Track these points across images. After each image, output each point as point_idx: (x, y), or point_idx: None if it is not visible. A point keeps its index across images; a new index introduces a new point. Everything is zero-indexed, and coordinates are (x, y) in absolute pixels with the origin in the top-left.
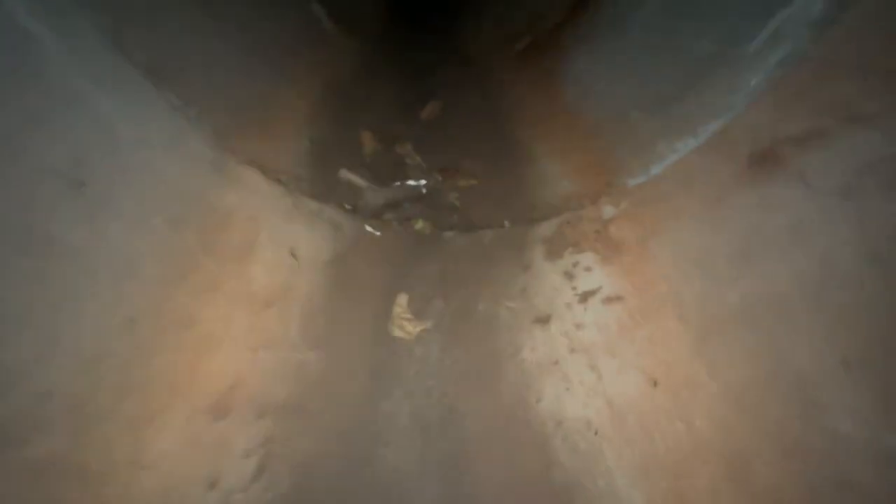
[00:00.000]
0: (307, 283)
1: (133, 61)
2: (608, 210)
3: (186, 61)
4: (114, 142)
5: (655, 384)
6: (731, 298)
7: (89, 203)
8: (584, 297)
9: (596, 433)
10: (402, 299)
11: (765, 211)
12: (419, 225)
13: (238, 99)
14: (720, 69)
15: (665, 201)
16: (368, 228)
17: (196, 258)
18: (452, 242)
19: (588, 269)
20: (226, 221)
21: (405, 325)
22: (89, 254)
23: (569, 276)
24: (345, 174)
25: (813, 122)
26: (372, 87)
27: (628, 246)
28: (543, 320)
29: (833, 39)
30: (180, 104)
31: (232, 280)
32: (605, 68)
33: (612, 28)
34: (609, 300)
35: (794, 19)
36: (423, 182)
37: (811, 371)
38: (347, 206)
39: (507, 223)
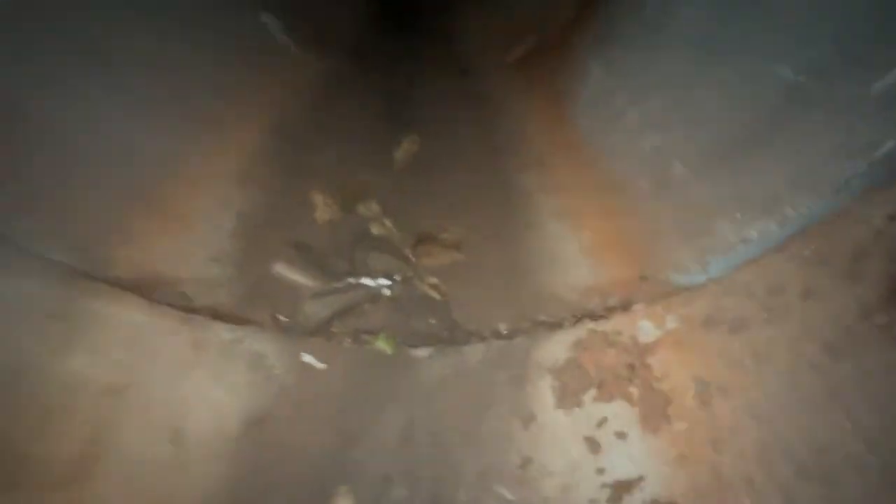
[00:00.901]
0: (191, 497)
1: None
2: (646, 329)
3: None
4: None
5: None
6: None
7: None
8: (618, 492)
9: None
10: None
11: None
12: (380, 342)
13: (122, 179)
14: (815, 114)
15: (738, 328)
16: (307, 359)
17: None
18: (426, 369)
19: (621, 434)
20: (51, 413)
21: None
22: None
23: (592, 444)
24: (281, 270)
25: None
26: (335, 120)
27: (682, 402)
28: None
29: None
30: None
31: None
32: (630, 92)
33: (640, 34)
34: None
35: None
36: (383, 282)
37: None
38: (281, 322)
39: (503, 328)
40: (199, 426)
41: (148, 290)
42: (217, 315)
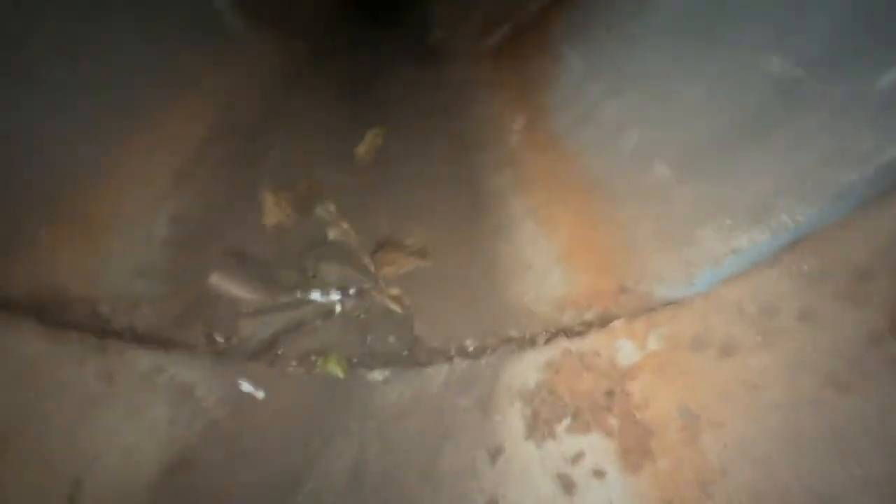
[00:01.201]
0: None
1: None
2: (626, 349)
3: None
4: None
5: None
6: None
7: None
8: None
9: None
10: None
11: None
12: (331, 364)
13: (22, 178)
14: (810, 113)
15: (728, 352)
16: (244, 387)
17: None
18: (382, 395)
19: (598, 472)
20: None
21: None
22: None
23: (566, 483)
24: (219, 282)
25: None
26: (291, 112)
27: (666, 435)
28: None
29: None
30: None
31: None
32: (607, 83)
33: (618, 20)
34: None
35: None
36: (337, 295)
37: None
38: (216, 345)
39: (470, 344)
40: (106, 476)
41: (51, 311)
42: (138, 339)
